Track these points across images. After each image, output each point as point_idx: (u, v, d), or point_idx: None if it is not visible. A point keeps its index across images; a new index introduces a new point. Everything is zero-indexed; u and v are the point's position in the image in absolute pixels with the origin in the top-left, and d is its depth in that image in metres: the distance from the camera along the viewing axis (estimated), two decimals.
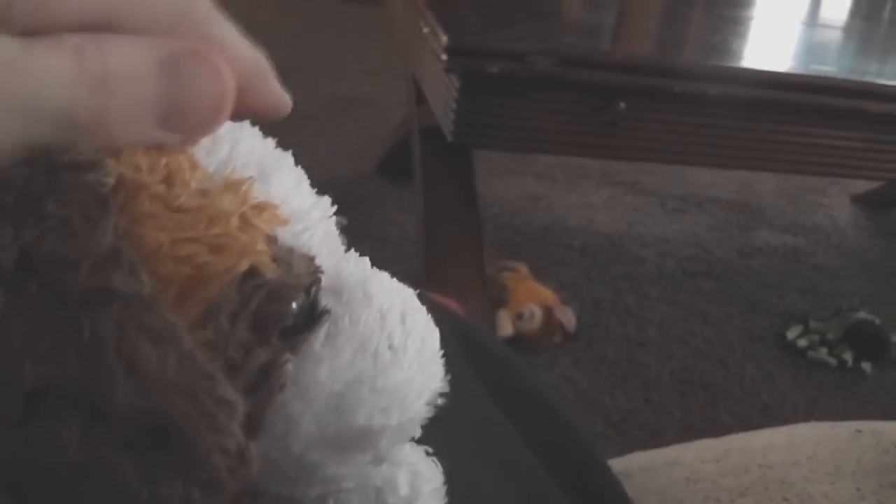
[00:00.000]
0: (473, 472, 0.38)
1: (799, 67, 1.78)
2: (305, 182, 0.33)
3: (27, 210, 0.27)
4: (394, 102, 2.79)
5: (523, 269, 1.88)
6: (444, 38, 1.35)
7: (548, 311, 1.76)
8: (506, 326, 1.73)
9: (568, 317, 1.79)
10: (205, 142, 0.31)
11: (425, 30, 1.48)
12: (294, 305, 0.30)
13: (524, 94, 1.43)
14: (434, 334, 0.33)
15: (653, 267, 2.21)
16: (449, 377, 0.33)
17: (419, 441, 0.36)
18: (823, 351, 1.94)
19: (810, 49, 2.06)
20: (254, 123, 0.34)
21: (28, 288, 0.26)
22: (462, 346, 0.54)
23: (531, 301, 1.76)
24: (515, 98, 1.44)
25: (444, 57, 1.35)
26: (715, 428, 1.69)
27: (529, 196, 2.48)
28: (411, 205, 1.86)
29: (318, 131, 2.60)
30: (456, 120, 1.40)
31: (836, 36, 2.28)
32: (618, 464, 0.69)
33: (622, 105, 1.45)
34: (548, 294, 1.81)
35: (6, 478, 0.27)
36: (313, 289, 0.31)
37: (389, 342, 0.31)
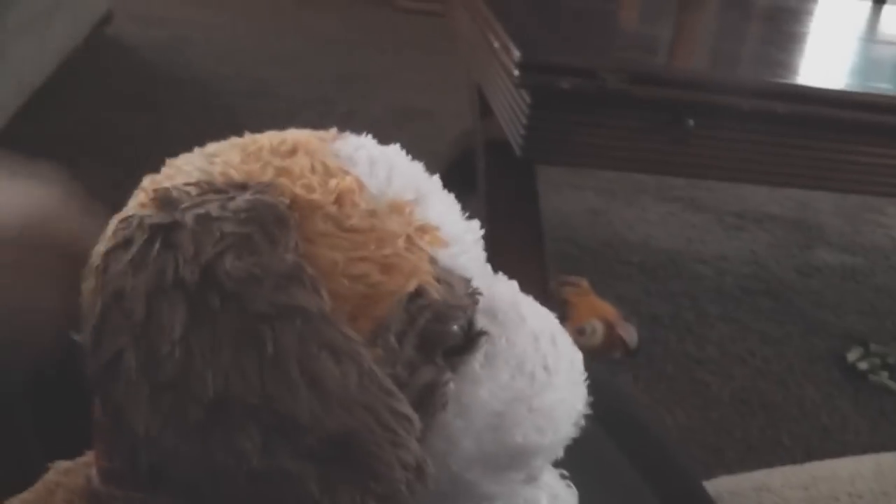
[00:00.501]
0: (591, 496, 0.39)
1: (860, 85, 1.77)
2: (457, 206, 0.34)
3: (206, 229, 0.28)
4: (451, 114, 2.80)
5: (585, 283, 1.88)
6: (517, 54, 1.36)
7: (609, 327, 1.75)
8: None
9: (630, 333, 1.78)
10: (364, 166, 0.32)
11: (496, 44, 1.49)
12: (455, 327, 0.31)
13: (594, 111, 1.43)
14: (579, 357, 0.33)
15: (711, 284, 2.20)
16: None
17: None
18: (885, 375, 1.91)
19: (871, 66, 2.04)
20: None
21: (211, 302, 0.28)
22: None
23: (593, 316, 1.76)
24: (585, 114, 1.44)
25: (515, 72, 1.36)
26: (775, 449, 1.68)
27: (588, 210, 2.47)
28: (472, 217, 1.87)
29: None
30: (526, 135, 1.40)
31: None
32: (706, 487, 0.69)
33: (691, 122, 1.45)
34: (610, 309, 1.80)
35: (187, 484, 0.28)
36: (471, 310, 0.32)
37: (544, 363, 0.32)
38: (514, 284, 0.34)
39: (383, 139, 0.34)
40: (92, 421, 0.34)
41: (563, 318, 1.57)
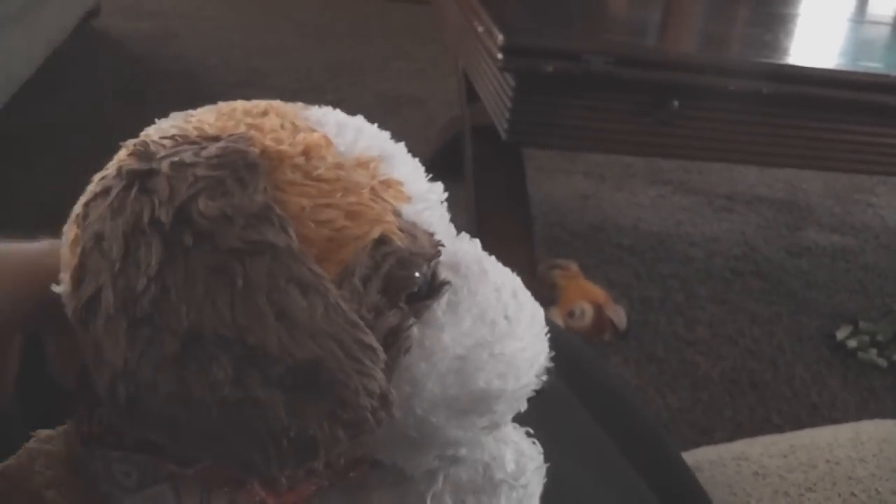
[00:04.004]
0: (560, 460, 0.40)
1: (849, 64, 1.77)
2: (421, 169, 0.35)
3: (180, 174, 0.30)
4: (441, 101, 2.81)
5: (574, 266, 1.88)
6: (500, 38, 1.36)
7: (598, 309, 1.76)
8: None
9: (619, 315, 1.79)
10: (332, 128, 0.33)
11: (480, 29, 1.49)
12: (418, 274, 0.32)
13: (579, 93, 1.44)
14: (541, 312, 0.35)
15: (701, 266, 2.21)
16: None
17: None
18: (873, 352, 1.92)
19: (860, 46, 2.05)
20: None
21: (184, 240, 0.29)
22: None
23: (582, 299, 1.77)
24: (570, 97, 1.45)
25: (499, 56, 1.37)
26: (765, 428, 1.69)
27: (578, 195, 2.49)
28: (461, 202, 1.88)
29: None
30: (511, 119, 1.41)
31: (885, 32, 2.26)
32: (686, 458, 0.70)
33: (676, 103, 1.46)
34: (598, 292, 1.81)
35: (163, 415, 0.29)
36: (434, 261, 0.33)
37: (505, 313, 0.33)
38: (477, 243, 0.35)
39: None
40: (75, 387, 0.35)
41: (553, 302, 1.57)
